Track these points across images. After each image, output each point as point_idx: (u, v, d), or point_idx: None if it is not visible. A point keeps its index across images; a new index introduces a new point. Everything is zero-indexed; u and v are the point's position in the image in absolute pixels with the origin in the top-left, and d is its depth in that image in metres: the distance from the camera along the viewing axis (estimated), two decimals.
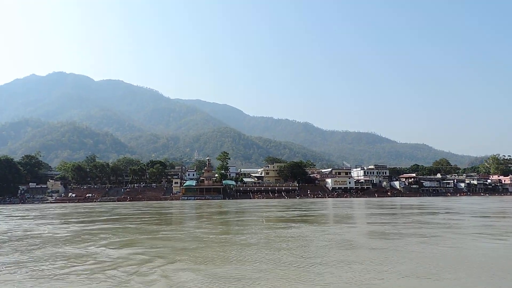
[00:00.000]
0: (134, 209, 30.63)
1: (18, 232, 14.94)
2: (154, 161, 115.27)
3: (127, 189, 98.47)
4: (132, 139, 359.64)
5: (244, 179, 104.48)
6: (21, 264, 8.10)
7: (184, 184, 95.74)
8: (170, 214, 23.02)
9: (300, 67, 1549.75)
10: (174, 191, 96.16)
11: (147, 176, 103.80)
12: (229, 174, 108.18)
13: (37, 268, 7.67)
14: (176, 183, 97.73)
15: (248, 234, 11.44)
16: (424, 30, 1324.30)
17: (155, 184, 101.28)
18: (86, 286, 6.23)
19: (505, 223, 11.81)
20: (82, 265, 7.89)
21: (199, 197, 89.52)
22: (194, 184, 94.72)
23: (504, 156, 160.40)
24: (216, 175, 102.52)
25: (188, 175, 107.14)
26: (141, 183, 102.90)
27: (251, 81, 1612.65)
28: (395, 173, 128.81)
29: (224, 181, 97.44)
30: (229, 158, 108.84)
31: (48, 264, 8.02)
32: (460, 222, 14.32)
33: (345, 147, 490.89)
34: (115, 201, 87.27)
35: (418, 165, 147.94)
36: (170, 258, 8.43)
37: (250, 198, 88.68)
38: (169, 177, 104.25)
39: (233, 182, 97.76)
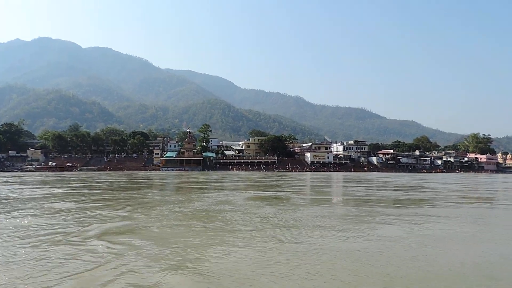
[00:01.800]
0: (104, 179, 31.64)
1: None
2: (136, 131, 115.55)
3: (108, 159, 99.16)
4: (120, 108, 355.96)
5: (225, 151, 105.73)
6: None
7: (165, 155, 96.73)
8: (133, 183, 24.05)
9: (300, 39, 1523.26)
10: (154, 162, 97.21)
11: (129, 146, 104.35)
12: (211, 146, 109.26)
13: None
14: (156, 154, 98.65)
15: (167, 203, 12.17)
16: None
17: (136, 155, 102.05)
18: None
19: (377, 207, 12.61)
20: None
21: (178, 169, 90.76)
22: (174, 156, 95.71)
23: (484, 135, 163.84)
24: (198, 147, 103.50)
25: (170, 146, 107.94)
26: (123, 153, 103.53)
27: (244, 53, 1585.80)
28: (377, 148, 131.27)
29: (204, 153, 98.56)
30: (210, 131, 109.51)
31: None
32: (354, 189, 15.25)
33: (335, 122, 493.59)
34: (95, 170, 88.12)
35: (399, 142, 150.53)
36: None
37: (230, 170, 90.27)
38: (150, 148, 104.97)
39: (213, 155, 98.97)
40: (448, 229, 6.80)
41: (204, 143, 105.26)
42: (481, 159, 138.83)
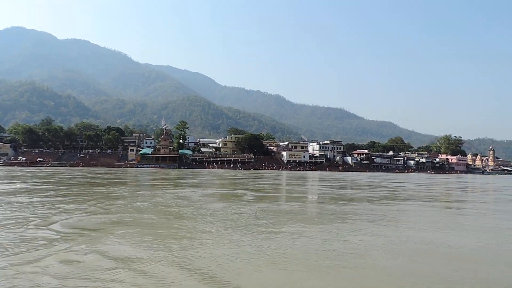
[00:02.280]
0: (75, 175, 31.04)
1: None
2: (111, 127, 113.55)
3: (81, 155, 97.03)
4: (97, 103, 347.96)
5: (202, 149, 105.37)
6: None
7: (140, 152, 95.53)
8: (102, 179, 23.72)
9: (275, 40, 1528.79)
10: (129, 158, 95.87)
11: (103, 142, 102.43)
12: (188, 144, 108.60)
13: None
14: (132, 150, 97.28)
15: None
16: (401, 9, 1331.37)
17: (110, 151, 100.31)
18: None
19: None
20: None
21: (154, 166, 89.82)
22: (149, 153, 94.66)
23: (456, 136, 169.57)
24: (174, 144, 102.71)
25: (146, 143, 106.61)
26: (97, 149, 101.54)
27: (225, 50, 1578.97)
28: (353, 148, 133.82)
29: (180, 151, 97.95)
30: (187, 128, 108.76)
31: None
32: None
33: (314, 121, 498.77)
34: (67, 166, 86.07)
35: (374, 142, 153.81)
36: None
37: (206, 168, 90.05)
38: (126, 144, 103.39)
39: (190, 152, 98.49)
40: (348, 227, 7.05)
41: (180, 140, 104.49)
42: (451, 160, 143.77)
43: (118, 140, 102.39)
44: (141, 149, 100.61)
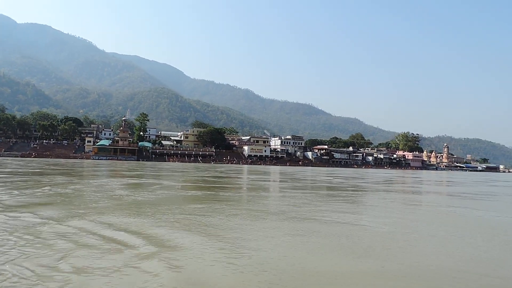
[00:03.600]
0: (23, 165, 29.98)
1: None
2: (69, 117, 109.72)
3: (35, 145, 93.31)
4: (58, 92, 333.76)
5: (163, 142, 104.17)
6: None
7: (97, 144, 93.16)
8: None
9: (246, 34, 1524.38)
10: (86, 150, 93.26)
11: (59, 133, 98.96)
12: (149, 136, 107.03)
13: None
14: (89, 141, 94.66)
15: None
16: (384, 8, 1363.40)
17: (66, 142, 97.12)
18: None
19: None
20: None
21: (111, 158, 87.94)
22: (107, 144, 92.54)
23: (413, 134, 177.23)
24: (135, 136, 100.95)
25: (105, 134, 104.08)
26: (52, 139, 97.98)
27: (196, 42, 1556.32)
28: (316, 144, 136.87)
29: (140, 143, 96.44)
30: (148, 120, 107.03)
31: None
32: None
33: (283, 116, 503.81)
34: (18, 156, 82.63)
35: (336, 138, 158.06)
36: None
37: (166, 161, 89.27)
38: (83, 135, 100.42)
39: (150, 144, 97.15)
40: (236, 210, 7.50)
41: (141, 133, 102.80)
42: (408, 156, 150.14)
43: (75, 131, 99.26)
44: (99, 140, 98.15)
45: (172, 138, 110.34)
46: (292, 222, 6.26)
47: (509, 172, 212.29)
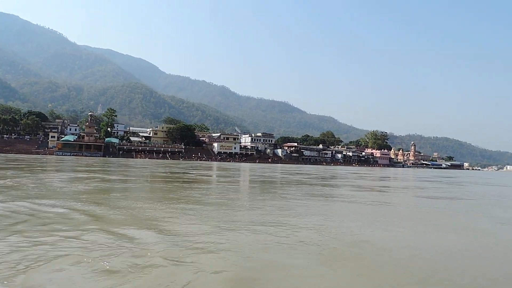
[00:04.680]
0: None
1: None
2: (32, 111, 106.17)
3: None
4: (25, 85, 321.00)
5: (131, 138, 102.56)
6: None
7: (62, 139, 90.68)
8: None
9: (223, 31, 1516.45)
10: (50, 145, 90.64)
11: (21, 127, 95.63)
12: (117, 132, 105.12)
13: None
14: (53, 137, 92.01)
15: None
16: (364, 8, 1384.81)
17: (29, 137, 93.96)
18: None
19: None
20: None
21: (76, 154, 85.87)
22: (72, 140, 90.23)
23: (382, 132, 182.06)
24: (102, 132, 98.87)
25: (70, 129, 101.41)
26: (14, 134, 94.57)
27: (171, 37, 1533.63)
28: (287, 141, 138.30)
29: (107, 139, 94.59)
30: (116, 115, 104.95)
31: None
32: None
33: (258, 114, 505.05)
34: None
35: (308, 135, 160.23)
36: None
37: (134, 158, 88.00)
38: (47, 130, 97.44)
39: (117, 140, 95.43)
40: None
41: (108, 129, 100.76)
42: (376, 154, 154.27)
43: (39, 126, 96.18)
44: (64, 136, 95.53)
45: (141, 134, 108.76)
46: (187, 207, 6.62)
47: (473, 169, 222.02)
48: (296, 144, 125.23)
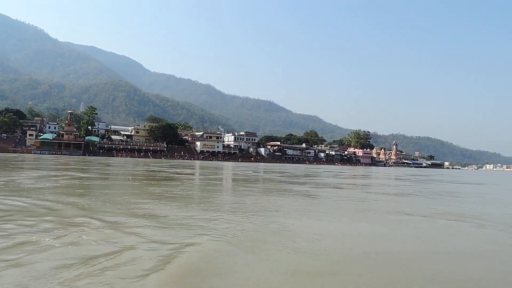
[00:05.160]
0: None
1: None
2: (10, 109, 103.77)
3: None
4: (5, 81, 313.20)
5: (112, 136, 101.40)
6: None
7: (40, 137, 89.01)
8: None
9: (210, 28, 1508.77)
10: (28, 143, 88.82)
11: None
12: (97, 130, 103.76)
13: None
14: (31, 135, 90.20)
15: None
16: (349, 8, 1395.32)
17: (5, 135, 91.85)
18: None
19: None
20: None
21: (55, 152, 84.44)
22: (51, 138, 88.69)
23: (365, 131, 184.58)
24: (82, 130, 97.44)
25: (49, 127, 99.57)
26: None
27: (156, 34, 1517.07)
28: (271, 140, 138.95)
29: (87, 137, 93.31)
30: (96, 114, 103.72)
31: None
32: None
33: (244, 113, 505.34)
34: None
35: (292, 134, 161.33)
36: None
37: (114, 156, 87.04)
38: (25, 128, 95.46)
39: (97, 139, 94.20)
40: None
41: (89, 127, 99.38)
42: (358, 153, 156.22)
43: (16, 124, 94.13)
44: (43, 134, 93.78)
45: (123, 132, 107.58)
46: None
47: (452, 168, 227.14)
48: (279, 143, 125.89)
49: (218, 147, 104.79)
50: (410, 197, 11.75)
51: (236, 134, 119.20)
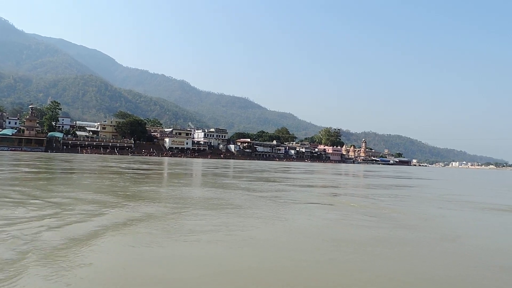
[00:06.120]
0: None
1: None
2: None
3: None
4: None
5: (77, 132, 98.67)
6: None
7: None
8: None
9: (184, 23, 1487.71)
10: None
11: None
12: (62, 126, 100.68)
13: None
14: None
15: None
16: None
17: None
18: None
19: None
20: None
21: (15, 148, 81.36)
22: (10, 134, 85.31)
23: (335, 129, 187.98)
24: (45, 126, 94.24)
25: (9, 123, 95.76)
26: None
27: (129, 28, 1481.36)
28: (242, 137, 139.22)
29: (50, 133, 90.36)
30: (60, 109, 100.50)
31: None
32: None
33: (218, 110, 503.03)
34: None
35: (263, 131, 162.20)
36: None
37: (79, 153, 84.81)
38: None
39: (61, 135, 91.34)
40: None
41: (53, 122, 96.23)
42: (328, 150, 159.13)
43: None
44: (2, 129, 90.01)
45: (88, 128, 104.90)
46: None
47: (420, 165, 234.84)
48: (249, 140, 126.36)
49: (187, 143, 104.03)
50: (325, 189, 12.31)
51: (206, 130, 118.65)
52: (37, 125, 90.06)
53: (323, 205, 7.79)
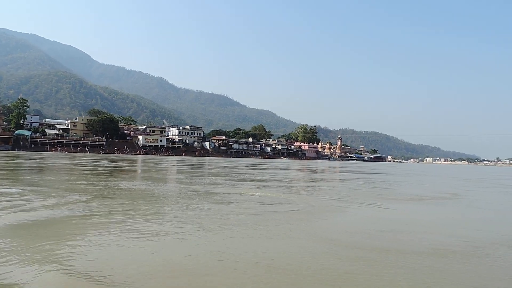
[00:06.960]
0: None
1: None
2: None
3: None
4: None
5: (46, 130, 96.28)
6: None
7: None
8: None
9: (160, 19, 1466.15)
10: None
11: None
12: (30, 124, 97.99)
13: None
14: None
15: None
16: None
17: None
18: None
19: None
20: None
21: None
22: None
23: (312, 126, 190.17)
24: (12, 123, 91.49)
25: None
26: None
27: (103, 23, 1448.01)
28: (219, 134, 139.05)
29: (17, 131, 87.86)
30: (28, 106, 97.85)
31: None
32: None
33: (197, 107, 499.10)
34: None
35: (240, 129, 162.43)
36: None
37: (48, 151, 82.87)
38: None
39: (29, 133, 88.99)
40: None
41: (21, 120, 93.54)
42: (304, 147, 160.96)
43: None
44: None
45: (59, 126, 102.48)
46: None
47: (394, 161, 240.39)
48: (224, 137, 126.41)
49: (161, 141, 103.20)
50: (280, 182, 12.85)
51: (181, 128, 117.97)
52: (4, 123, 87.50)
53: (238, 195, 8.26)
